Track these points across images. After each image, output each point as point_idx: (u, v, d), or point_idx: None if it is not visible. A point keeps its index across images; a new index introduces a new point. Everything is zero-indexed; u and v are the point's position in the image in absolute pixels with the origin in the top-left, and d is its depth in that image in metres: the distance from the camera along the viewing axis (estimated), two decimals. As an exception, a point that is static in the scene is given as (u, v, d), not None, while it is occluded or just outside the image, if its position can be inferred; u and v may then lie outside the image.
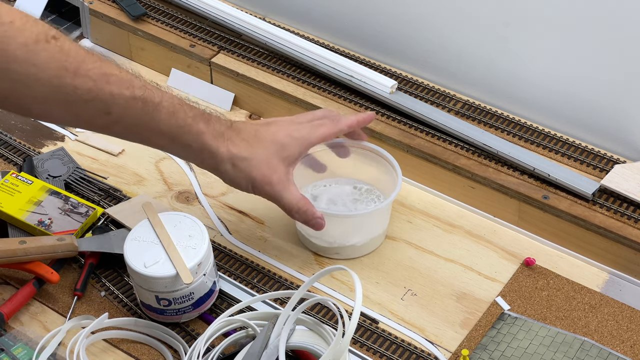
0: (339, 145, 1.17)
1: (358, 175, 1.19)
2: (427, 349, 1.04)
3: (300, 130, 1.09)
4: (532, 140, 1.21)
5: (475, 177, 1.18)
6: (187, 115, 1.03)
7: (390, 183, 1.14)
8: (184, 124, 1.02)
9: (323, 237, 1.13)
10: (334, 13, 1.39)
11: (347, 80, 1.29)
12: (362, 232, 1.13)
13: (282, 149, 1.07)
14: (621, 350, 1.02)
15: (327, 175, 1.19)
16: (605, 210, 1.11)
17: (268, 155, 1.06)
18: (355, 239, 1.13)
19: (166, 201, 1.23)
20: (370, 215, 1.12)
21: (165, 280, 1.02)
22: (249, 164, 1.05)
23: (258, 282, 1.12)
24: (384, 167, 1.16)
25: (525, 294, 1.09)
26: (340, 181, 1.20)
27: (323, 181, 1.19)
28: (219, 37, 1.40)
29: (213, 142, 1.04)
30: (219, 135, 1.04)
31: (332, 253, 1.14)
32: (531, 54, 1.24)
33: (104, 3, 1.47)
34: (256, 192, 1.07)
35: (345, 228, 1.13)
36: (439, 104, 1.27)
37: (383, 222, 1.15)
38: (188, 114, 1.03)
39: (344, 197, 1.18)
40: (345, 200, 1.18)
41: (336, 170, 1.19)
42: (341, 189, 1.19)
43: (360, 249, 1.14)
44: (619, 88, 1.18)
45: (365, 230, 1.13)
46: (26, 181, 1.19)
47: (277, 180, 1.06)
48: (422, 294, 1.11)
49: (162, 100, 1.01)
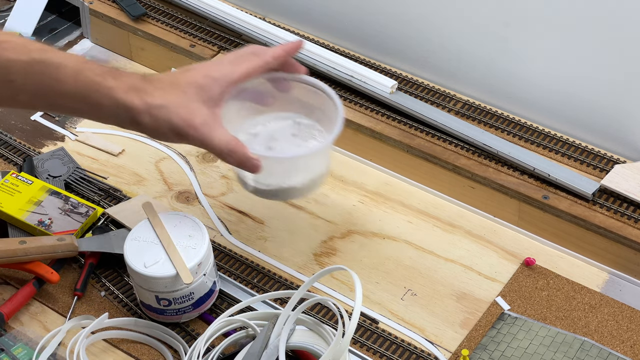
0: (279, 78, 1.08)
1: (299, 110, 1.11)
2: (427, 349, 1.04)
3: (220, 69, 1.02)
4: (532, 140, 1.21)
5: (475, 177, 1.18)
6: (94, 73, 0.98)
7: (332, 119, 1.06)
8: (91, 81, 0.97)
9: (260, 180, 1.06)
10: (334, 13, 1.39)
11: (347, 80, 1.29)
12: (301, 174, 1.07)
13: (201, 91, 1.00)
14: (621, 350, 1.02)
15: (267, 111, 1.11)
16: (605, 210, 1.11)
17: (186, 99, 0.99)
18: (294, 181, 1.07)
19: (166, 201, 1.23)
20: (308, 155, 1.05)
21: (165, 280, 1.02)
22: (167, 111, 0.98)
23: (258, 282, 1.12)
24: (326, 103, 1.08)
25: (525, 294, 1.09)
26: (280, 117, 1.11)
27: (262, 117, 1.11)
28: (219, 37, 1.40)
29: (126, 96, 0.98)
30: (131, 88, 0.98)
31: (271, 196, 1.09)
32: (531, 54, 1.24)
33: (104, 3, 1.47)
34: (183, 140, 1.00)
35: (282, 169, 1.06)
36: (439, 104, 1.27)
37: (323, 161, 1.08)
38: (95, 71, 0.98)
39: (283, 133, 1.10)
40: (286, 136, 1.09)
41: (277, 106, 1.11)
42: (281, 124, 1.11)
43: (300, 191, 1.09)
44: (619, 88, 1.18)
45: (304, 172, 1.07)
46: (26, 181, 1.19)
47: (200, 123, 0.98)
48: (422, 294, 1.11)
49: (65, 61, 0.97)
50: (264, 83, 1.08)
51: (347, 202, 1.22)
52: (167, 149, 1.30)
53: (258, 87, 1.08)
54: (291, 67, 1.08)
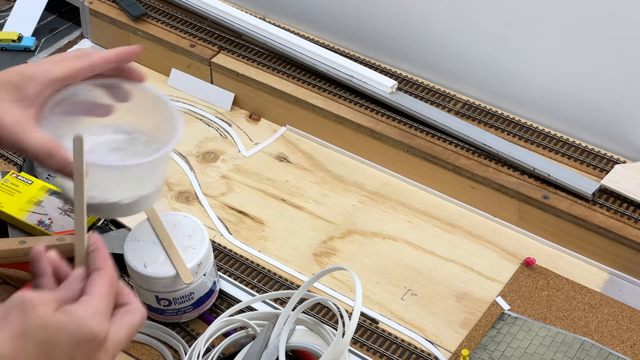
0: (115, 86, 0.96)
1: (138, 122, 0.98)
2: (427, 349, 1.04)
3: (38, 67, 0.91)
4: (532, 140, 1.21)
5: (475, 177, 1.18)
6: None
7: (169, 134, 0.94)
8: None
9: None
10: (334, 13, 1.39)
11: (347, 80, 1.29)
12: (126, 189, 0.94)
13: (14, 89, 0.90)
14: (621, 350, 1.02)
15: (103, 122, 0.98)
16: (605, 210, 1.11)
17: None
18: (118, 196, 0.93)
19: (166, 201, 1.23)
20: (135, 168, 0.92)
21: (165, 280, 1.02)
22: None
23: (258, 282, 1.12)
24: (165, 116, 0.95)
25: (525, 294, 1.09)
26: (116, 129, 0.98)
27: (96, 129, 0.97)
28: (219, 37, 1.40)
29: None
30: None
31: (96, 211, 0.96)
32: (531, 54, 1.24)
33: (104, 3, 1.47)
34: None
35: (105, 181, 0.93)
36: (439, 104, 1.27)
37: (154, 178, 0.95)
38: None
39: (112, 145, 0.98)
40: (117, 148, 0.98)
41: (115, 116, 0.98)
42: (113, 137, 0.98)
43: (125, 208, 0.95)
44: (619, 88, 1.18)
45: (129, 187, 0.94)
46: (26, 181, 1.19)
47: (12, 123, 0.88)
48: (422, 294, 1.11)
49: None
50: (95, 90, 0.96)
51: (347, 202, 1.22)
52: (167, 149, 1.30)
53: (90, 96, 0.96)
54: (129, 74, 0.96)
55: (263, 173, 1.27)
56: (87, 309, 0.74)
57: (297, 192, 1.24)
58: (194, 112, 1.36)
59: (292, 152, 1.30)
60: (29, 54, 1.47)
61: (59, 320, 0.72)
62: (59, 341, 0.72)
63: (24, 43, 1.46)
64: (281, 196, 1.23)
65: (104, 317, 0.74)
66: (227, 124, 1.34)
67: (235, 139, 1.32)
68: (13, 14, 1.51)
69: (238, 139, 1.32)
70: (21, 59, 1.45)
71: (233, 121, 1.35)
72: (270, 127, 1.34)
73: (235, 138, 1.32)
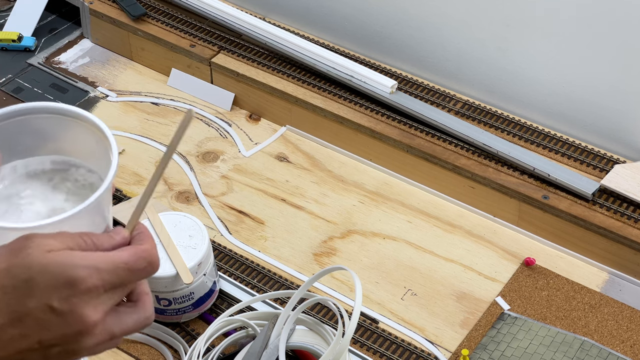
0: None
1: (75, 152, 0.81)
2: (427, 349, 1.04)
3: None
4: (532, 140, 1.21)
5: (475, 177, 1.18)
6: None
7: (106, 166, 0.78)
8: None
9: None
10: (334, 13, 1.39)
11: (347, 80, 1.29)
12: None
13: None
14: (621, 350, 1.02)
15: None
16: (605, 210, 1.11)
17: None
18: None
19: (166, 201, 1.23)
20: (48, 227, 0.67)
21: (165, 280, 1.02)
22: None
23: (258, 282, 1.12)
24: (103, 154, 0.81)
25: (525, 294, 1.09)
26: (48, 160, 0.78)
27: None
28: (219, 37, 1.40)
29: None
30: None
31: None
32: (531, 54, 1.24)
33: (104, 3, 1.47)
34: None
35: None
36: (439, 104, 1.27)
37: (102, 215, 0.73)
38: None
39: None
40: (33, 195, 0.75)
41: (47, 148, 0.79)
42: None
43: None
44: (619, 88, 1.18)
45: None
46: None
47: None
48: (422, 294, 1.11)
49: None
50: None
51: (347, 202, 1.22)
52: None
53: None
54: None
55: (263, 173, 1.27)
56: (88, 258, 0.64)
57: (297, 192, 1.24)
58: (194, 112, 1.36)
59: (292, 152, 1.30)
60: (29, 53, 1.47)
61: (46, 260, 0.63)
62: (39, 282, 0.62)
63: (24, 43, 1.46)
64: (281, 196, 1.23)
65: (101, 276, 0.64)
66: (227, 124, 1.34)
67: (235, 139, 1.32)
68: (13, 14, 1.51)
69: (238, 139, 1.32)
70: (21, 59, 1.45)
71: (233, 121, 1.35)
72: (270, 127, 1.34)
73: (235, 138, 1.32)
